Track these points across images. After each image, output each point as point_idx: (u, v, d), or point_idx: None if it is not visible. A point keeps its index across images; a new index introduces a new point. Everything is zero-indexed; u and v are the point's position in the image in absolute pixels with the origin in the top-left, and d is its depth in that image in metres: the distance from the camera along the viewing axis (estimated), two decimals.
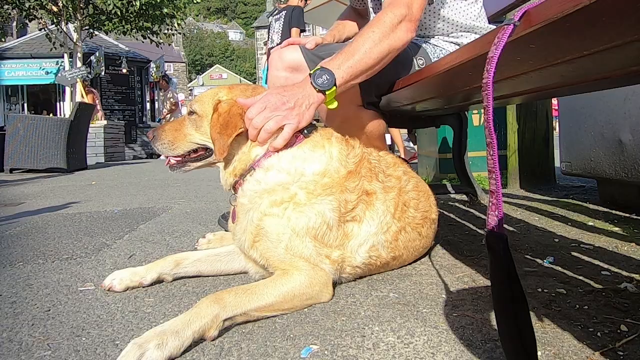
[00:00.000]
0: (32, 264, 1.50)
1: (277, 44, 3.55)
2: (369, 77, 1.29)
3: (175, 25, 11.22)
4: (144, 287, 1.19)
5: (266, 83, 1.89)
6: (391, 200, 1.20)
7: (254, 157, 1.15)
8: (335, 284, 1.13)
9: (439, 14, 1.51)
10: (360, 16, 1.90)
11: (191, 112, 1.22)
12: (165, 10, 10.43)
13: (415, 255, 1.33)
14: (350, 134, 1.29)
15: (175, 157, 1.25)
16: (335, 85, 1.19)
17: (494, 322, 0.89)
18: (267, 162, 1.12)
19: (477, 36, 1.49)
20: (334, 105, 1.23)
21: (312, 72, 1.21)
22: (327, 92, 1.18)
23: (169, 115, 11.14)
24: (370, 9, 1.63)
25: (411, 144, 5.58)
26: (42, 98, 14.44)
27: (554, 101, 3.40)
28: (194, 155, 1.25)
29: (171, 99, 11.27)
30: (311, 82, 1.18)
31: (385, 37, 1.24)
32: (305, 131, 1.17)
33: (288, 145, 1.13)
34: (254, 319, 0.95)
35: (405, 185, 1.27)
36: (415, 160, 4.41)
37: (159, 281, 1.22)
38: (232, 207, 1.23)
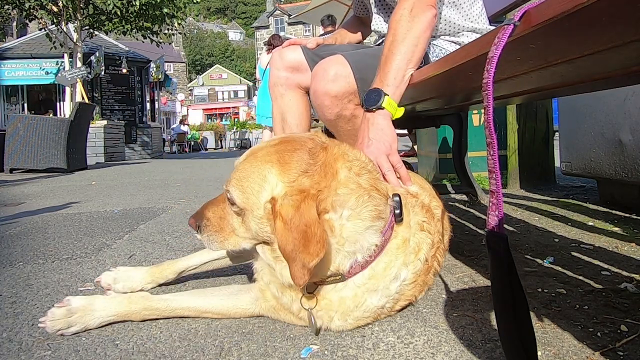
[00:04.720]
0: (32, 264, 1.50)
1: None
2: (419, 65, 1.28)
3: (175, 25, 11.20)
4: None
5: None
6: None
7: (340, 265, 0.86)
8: None
9: (439, 16, 1.52)
10: (364, 25, 1.91)
11: (229, 198, 0.89)
12: (165, 10, 10.41)
13: None
14: (349, 134, 1.29)
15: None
16: (386, 95, 1.18)
17: (494, 322, 0.89)
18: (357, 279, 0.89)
19: (478, 36, 1.49)
20: (400, 113, 1.22)
21: (362, 99, 1.21)
22: (383, 105, 1.17)
23: None
24: (379, 15, 1.63)
25: (410, 144, 5.59)
26: (42, 98, 14.42)
27: None
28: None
29: None
30: (365, 109, 1.19)
31: (408, 31, 1.24)
32: (397, 211, 0.93)
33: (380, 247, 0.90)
34: None
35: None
36: None
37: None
38: (306, 311, 0.90)
